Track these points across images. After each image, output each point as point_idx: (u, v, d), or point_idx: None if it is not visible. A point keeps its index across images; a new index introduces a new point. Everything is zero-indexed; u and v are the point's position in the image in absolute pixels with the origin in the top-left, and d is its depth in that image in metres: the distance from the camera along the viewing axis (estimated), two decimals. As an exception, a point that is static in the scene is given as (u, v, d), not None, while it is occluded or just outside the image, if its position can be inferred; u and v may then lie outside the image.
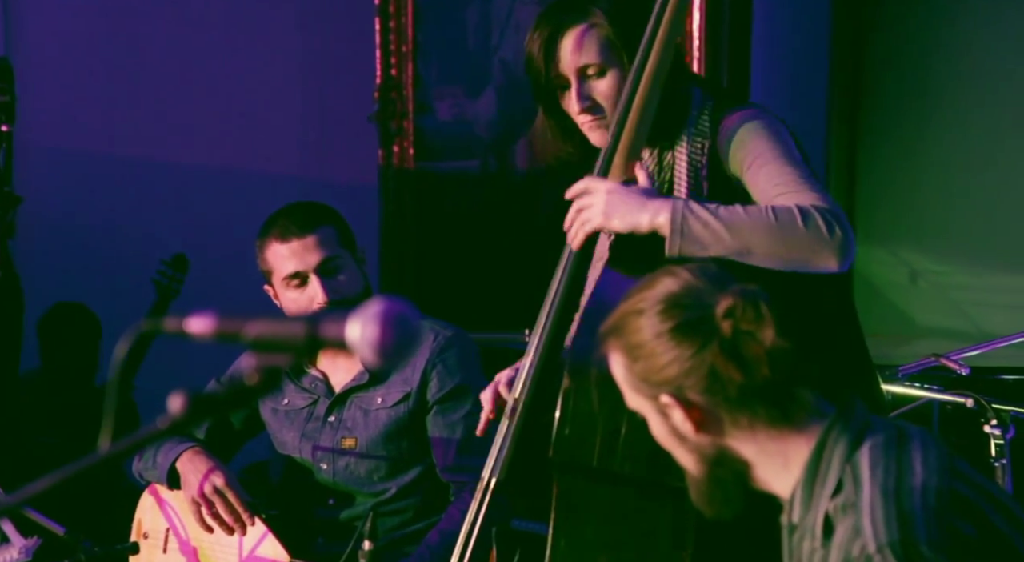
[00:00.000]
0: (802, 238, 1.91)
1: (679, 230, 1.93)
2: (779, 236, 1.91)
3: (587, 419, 1.90)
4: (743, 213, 1.93)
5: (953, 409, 2.85)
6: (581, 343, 1.93)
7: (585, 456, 1.90)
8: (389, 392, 2.63)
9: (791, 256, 1.91)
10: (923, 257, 3.97)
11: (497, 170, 4.16)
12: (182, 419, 1.07)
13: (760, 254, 1.91)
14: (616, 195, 1.99)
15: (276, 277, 2.64)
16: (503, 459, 2.01)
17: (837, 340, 2.15)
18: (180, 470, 2.63)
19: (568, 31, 2.10)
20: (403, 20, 4.21)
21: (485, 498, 2.04)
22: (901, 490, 1.48)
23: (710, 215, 1.93)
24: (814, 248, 1.91)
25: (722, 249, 1.92)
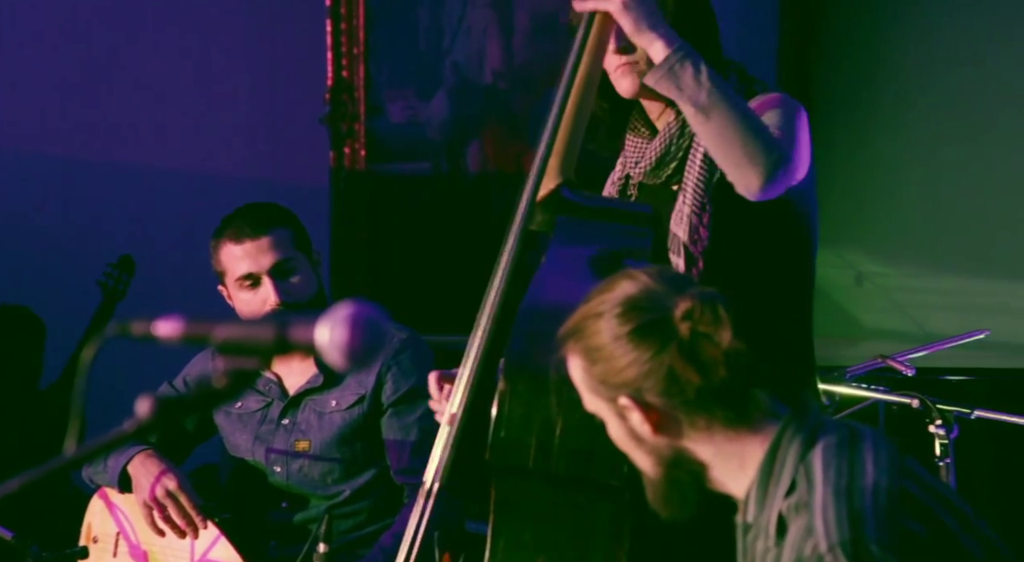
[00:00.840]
0: (757, 140, 1.96)
1: (670, 65, 1.98)
2: (743, 125, 1.96)
3: (522, 421, 1.91)
4: (730, 90, 1.99)
5: (899, 409, 2.90)
6: (516, 345, 1.94)
7: (521, 458, 1.91)
8: (344, 395, 2.63)
9: (737, 147, 1.96)
10: (869, 259, 4.02)
11: (449, 172, 4.17)
12: (149, 423, 1.07)
13: (716, 127, 1.96)
14: None
15: (229, 278, 2.63)
16: (444, 463, 2.02)
17: (788, 343, 2.18)
18: (132, 473, 2.61)
19: None
20: (354, 22, 4.21)
21: (427, 502, 2.04)
22: (853, 490, 1.50)
23: (706, 70, 1.98)
24: (752, 156, 1.96)
25: (692, 101, 1.97)
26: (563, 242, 2.06)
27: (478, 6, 4.14)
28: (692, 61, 1.98)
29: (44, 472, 1.08)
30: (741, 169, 1.96)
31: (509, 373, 1.93)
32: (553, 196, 2.10)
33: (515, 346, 1.94)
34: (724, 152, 1.97)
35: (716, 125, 1.96)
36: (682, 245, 2.10)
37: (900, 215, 4.00)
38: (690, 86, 1.97)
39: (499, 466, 1.94)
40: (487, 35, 4.12)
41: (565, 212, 2.09)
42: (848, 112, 4.01)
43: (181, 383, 2.79)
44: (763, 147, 1.96)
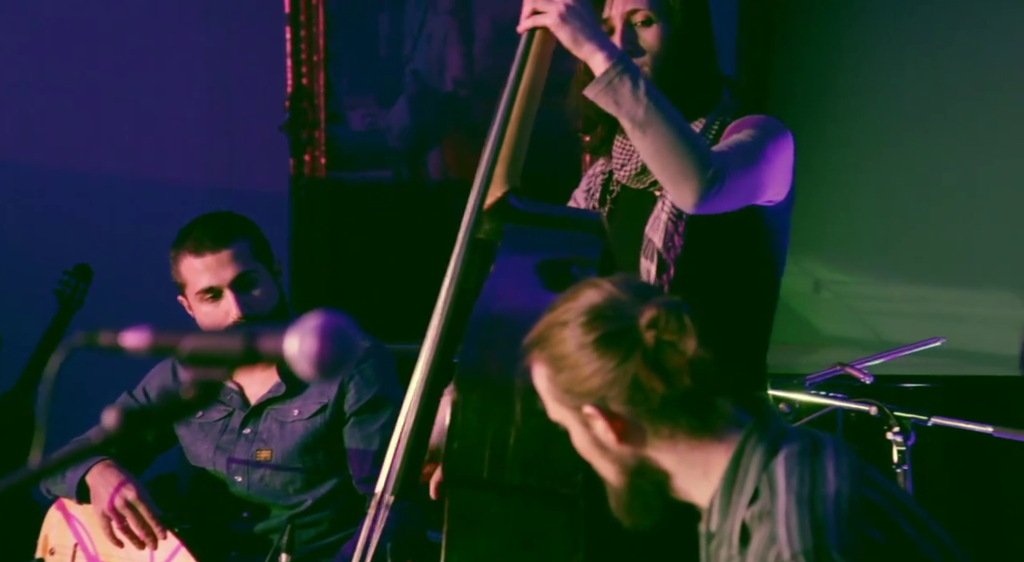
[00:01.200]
0: (693, 155, 1.97)
1: (608, 79, 1.99)
2: (680, 140, 1.98)
3: (476, 430, 1.90)
4: (668, 105, 2.00)
5: (857, 417, 2.92)
6: (469, 354, 1.95)
7: (475, 468, 1.91)
8: (306, 404, 2.62)
9: (666, 163, 1.98)
10: (826, 267, 4.06)
11: (410, 180, 4.16)
12: (117, 434, 1.07)
13: (653, 141, 1.98)
14: (582, 9, 2.03)
15: (190, 290, 2.61)
16: (396, 474, 2.01)
17: (744, 354, 2.20)
18: (90, 484, 2.59)
19: None
20: (314, 29, 4.20)
21: (379, 514, 2.04)
22: (815, 498, 1.52)
23: (644, 86, 1.99)
24: (686, 172, 1.98)
25: (630, 116, 1.99)
26: (511, 250, 2.07)
27: (439, 14, 4.14)
28: (631, 75, 2.00)
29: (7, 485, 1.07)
30: (676, 184, 1.99)
31: (462, 383, 1.93)
32: (500, 204, 2.11)
33: (468, 355, 1.94)
34: (659, 167, 1.99)
35: (652, 140, 1.98)
36: (656, 251, 2.11)
37: (857, 223, 4.04)
38: (628, 100, 1.99)
39: (453, 476, 1.94)
40: (448, 43, 4.12)
41: (512, 220, 2.09)
42: (805, 120, 4.04)
43: (141, 393, 2.77)
44: (698, 164, 1.97)
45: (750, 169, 2.06)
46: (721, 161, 2.00)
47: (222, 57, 4.39)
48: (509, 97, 2.07)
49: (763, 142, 2.10)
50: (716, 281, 2.12)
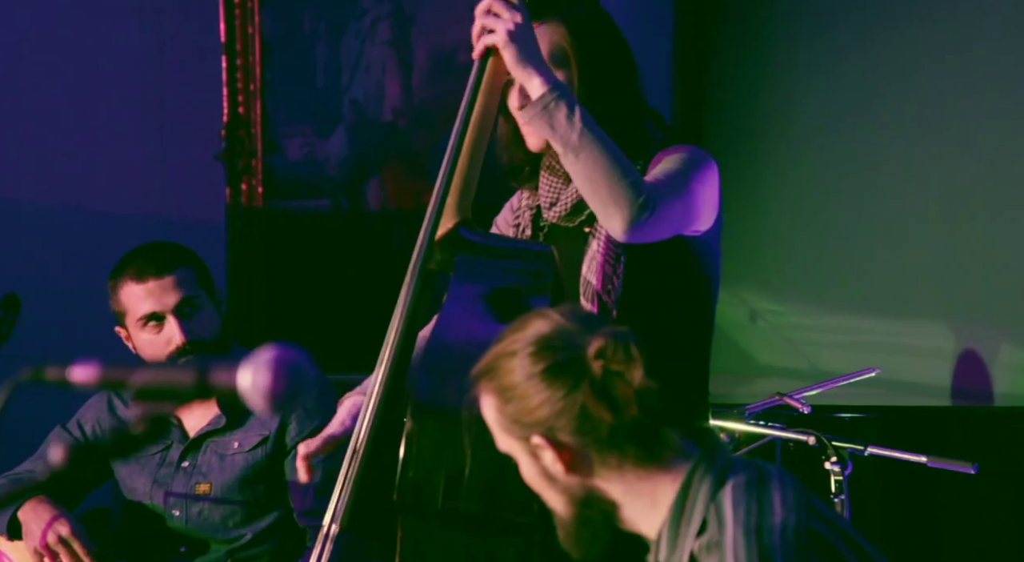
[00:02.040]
0: (624, 182, 1.99)
1: (545, 104, 2.01)
2: (612, 167, 1.99)
3: (431, 461, 1.90)
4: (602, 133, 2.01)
5: (795, 447, 2.95)
6: (424, 384, 1.94)
7: (429, 498, 1.90)
8: (247, 436, 2.59)
9: (603, 188, 1.99)
10: (762, 297, 4.09)
11: (349, 210, 4.15)
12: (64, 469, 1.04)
13: (585, 167, 1.99)
14: (528, 33, 2.04)
15: (130, 318, 2.58)
16: (344, 505, 2.00)
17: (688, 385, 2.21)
18: (22, 519, 2.53)
19: None
20: (250, 58, 4.18)
21: (325, 546, 2.02)
22: (762, 528, 1.53)
23: (580, 113, 2.00)
24: (622, 196, 1.99)
25: (563, 141, 2.00)
26: (463, 281, 2.06)
27: (376, 44, 4.14)
28: (567, 101, 2.01)
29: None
30: (607, 210, 2.00)
31: (416, 413, 1.92)
32: (452, 235, 2.10)
33: (421, 385, 1.94)
34: (590, 193, 2.00)
35: (584, 166, 1.99)
36: (595, 293, 2.12)
37: (792, 253, 4.08)
38: (562, 125, 2.00)
39: (406, 507, 1.93)
40: (386, 72, 4.12)
41: (464, 251, 2.09)
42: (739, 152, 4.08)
43: (75, 427, 2.73)
44: (630, 191, 1.99)
45: (680, 197, 2.07)
46: (652, 189, 2.02)
47: (157, 84, 4.35)
48: (461, 126, 2.07)
49: (690, 171, 2.11)
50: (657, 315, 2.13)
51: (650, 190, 2.01)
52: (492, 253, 2.11)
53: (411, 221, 4.16)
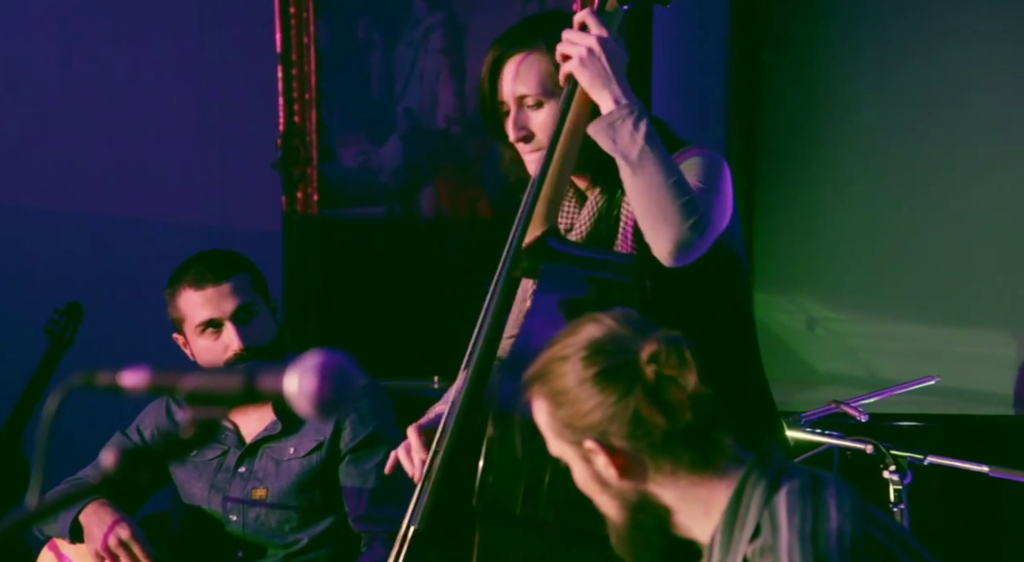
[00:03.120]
0: (677, 202, 1.99)
1: (611, 121, 2.03)
2: (668, 186, 1.99)
3: (511, 467, 1.91)
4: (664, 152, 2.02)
5: (853, 455, 2.91)
6: (506, 391, 1.94)
7: (508, 505, 1.91)
8: (302, 442, 2.60)
9: (655, 207, 1.99)
10: (820, 304, 4.05)
11: (403, 217, 4.16)
12: (115, 474, 1.05)
13: (641, 183, 2.00)
14: (601, 56, 2.06)
15: (188, 325, 2.61)
16: (423, 508, 2.00)
17: (746, 387, 2.19)
18: (84, 523, 2.57)
19: (510, 58, 2.16)
20: (306, 68, 4.21)
21: (403, 548, 2.03)
22: (818, 534, 1.51)
23: (645, 130, 2.02)
24: (674, 218, 1.98)
25: (623, 155, 2.01)
26: (548, 289, 2.07)
27: (430, 52, 4.15)
28: (633, 119, 2.02)
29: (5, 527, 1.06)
30: (655, 229, 2.00)
31: (498, 419, 1.93)
32: (538, 243, 2.10)
33: (504, 392, 1.94)
34: (642, 210, 2.01)
35: (639, 182, 2.00)
36: None
37: (850, 260, 4.04)
38: (624, 141, 2.01)
39: (485, 512, 1.94)
40: (439, 81, 4.13)
41: (550, 259, 2.10)
42: (796, 159, 4.05)
43: (135, 432, 2.76)
44: (681, 211, 1.99)
45: (717, 209, 2.08)
46: (705, 211, 2.01)
47: (215, 95, 4.40)
48: (553, 136, 2.09)
49: (715, 177, 2.11)
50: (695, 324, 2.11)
51: (703, 212, 2.00)
52: (577, 262, 2.11)
53: (464, 228, 4.18)
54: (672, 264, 2.01)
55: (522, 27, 2.21)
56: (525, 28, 2.20)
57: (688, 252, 2.00)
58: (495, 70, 2.17)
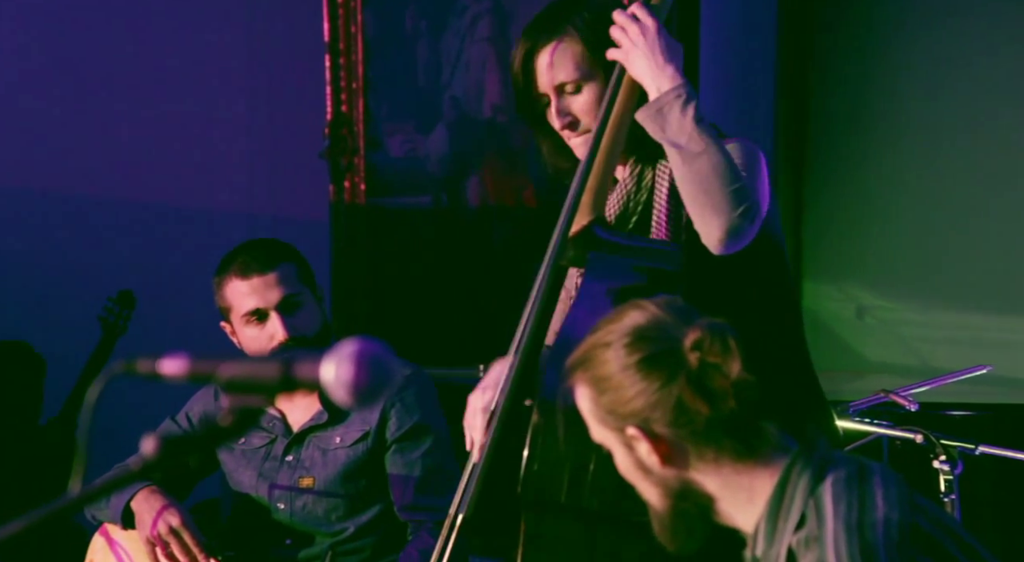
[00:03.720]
0: (727, 190, 1.96)
1: (659, 106, 2.01)
2: (718, 173, 1.96)
3: (556, 455, 1.90)
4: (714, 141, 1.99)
5: (903, 445, 2.88)
6: (551, 379, 1.94)
7: (554, 492, 1.90)
8: (348, 431, 2.61)
9: (704, 195, 1.97)
10: (869, 293, 4.02)
11: (449, 206, 4.17)
12: (154, 461, 1.06)
13: (692, 170, 1.97)
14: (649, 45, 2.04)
15: (235, 314, 2.62)
16: (471, 495, 2.00)
17: (792, 376, 2.17)
18: (135, 509, 2.59)
19: (543, 48, 2.14)
20: (353, 57, 4.22)
21: (451, 534, 2.03)
22: (864, 524, 1.49)
23: (693, 113, 1.99)
24: (724, 205, 1.96)
25: (673, 141, 1.99)
26: (594, 278, 2.06)
27: (476, 41, 4.15)
28: (681, 104, 2.00)
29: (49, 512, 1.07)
30: (704, 217, 1.97)
31: (543, 407, 1.92)
32: (585, 232, 2.10)
33: (549, 380, 1.94)
34: (692, 197, 1.98)
35: (692, 170, 1.97)
36: None
37: (899, 248, 4.00)
38: (673, 127, 1.99)
39: (530, 500, 1.93)
40: (486, 69, 4.13)
41: (596, 248, 2.09)
42: (844, 145, 4.02)
43: (184, 419, 2.78)
44: (732, 199, 1.96)
45: (764, 196, 2.05)
46: (755, 198, 1.99)
47: (263, 85, 4.42)
48: (600, 126, 2.08)
49: (755, 166, 2.09)
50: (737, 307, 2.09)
51: (753, 199, 1.98)
52: (624, 251, 2.10)
53: (510, 217, 4.18)
54: (721, 252, 1.99)
55: (548, 14, 2.18)
56: (551, 15, 2.17)
57: (738, 239, 1.98)
58: (528, 62, 2.15)
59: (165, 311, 4.27)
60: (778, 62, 4.00)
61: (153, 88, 4.45)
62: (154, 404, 2.75)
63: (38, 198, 4.46)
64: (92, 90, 4.45)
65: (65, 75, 4.45)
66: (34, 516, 1.11)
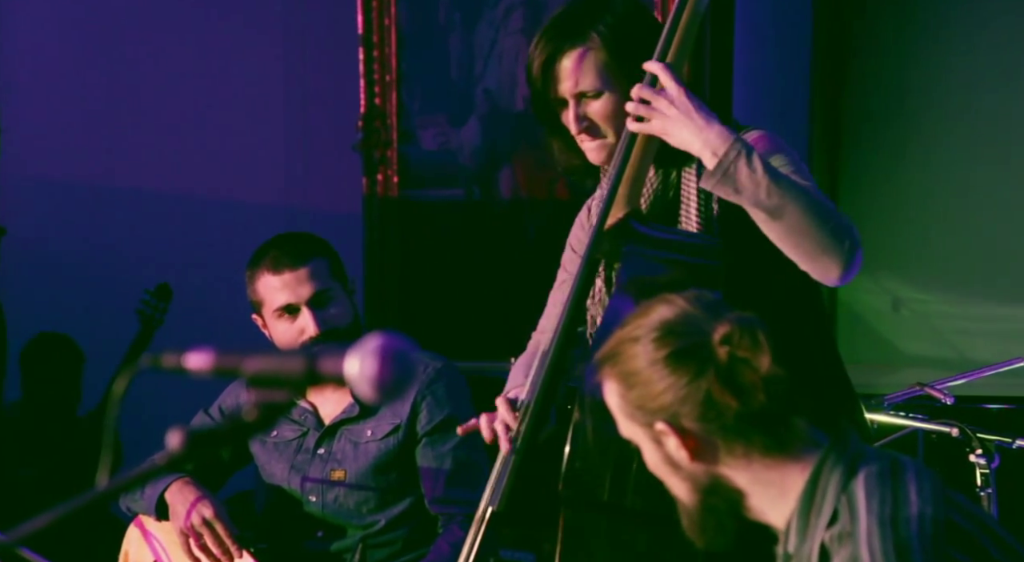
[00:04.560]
0: (826, 229, 1.91)
1: (723, 168, 1.93)
2: (811, 215, 1.90)
3: (598, 452, 1.88)
4: (795, 178, 1.93)
5: (938, 438, 2.85)
6: (591, 376, 1.93)
7: (595, 490, 1.88)
8: (379, 424, 2.62)
9: (808, 242, 1.91)
10: (905, 285, 3.98)
11: (481, 199, 4.16)
12: (181, 455, 1.06)
13: (785, 224, 1.90)
14: (683, 111, 1.97)
15: (267, 308, 2.63)
16: (503, 489, 1.99)
17: (821, 369, 2.15)
18: (169, 501, 2.61)
19: (566, 54, 2.10)
20: (387, 50, 4.23)
21: (481, 528, 2.02)
22: (897, 520, 1.48)
23: (760, 164, 1.92)
24: (829, 245, 1.91)
25: (754, 202, 1.91)
26: (632, 271, 2.04)
27: (509, 33, 4.14)
28: (745, 161, 1.92)
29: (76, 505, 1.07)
30: (815, 264, 1.92)
31: (584, 404, 1.91)
32: (621, 225, 2.07)
33: (590, 376, 1.92)
34: (793, 247, 1.92)
35: (785, 224, 1.91)
36: None
37: (936, 240, 3.96)
38: (747, 186, 1.91)
39: (572, 497, 1.92)
40: (519, 61, 4.12)
41: (633, 241, 2.06)
42: (881, 137, 3.98)
43: (216, 412, 2.79)
44: (835, 236, 1.91)
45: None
46: (851, 225, 1.93)
47: (297, 79, 4.44)
48: None
49: (802, 164, 2.05)
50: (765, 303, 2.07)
51: (850, 226, 1.93)
52: (661, 245, 2.07)
53: (542, 209, 4.17)
54: (840, 284, 1.95)
55: (570, 18, 2.13)
56: (574, 18, 2.12)
57: (854, 270, 1.94)
58: (548, 66, 2.10)
59: (202, 304, 4.30)
60: (814, 50, 3.96)
61: (190, 82, 4.48)
62: (190, 396, 2.76)
63: (77, 192, 4.50)
64: (130, 84, 4.48)
65: (104, 69, 4.48)
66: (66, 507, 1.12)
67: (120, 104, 4.47)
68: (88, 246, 4.50)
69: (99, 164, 4.48)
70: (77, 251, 4.50)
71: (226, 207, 4.49)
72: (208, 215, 4.49)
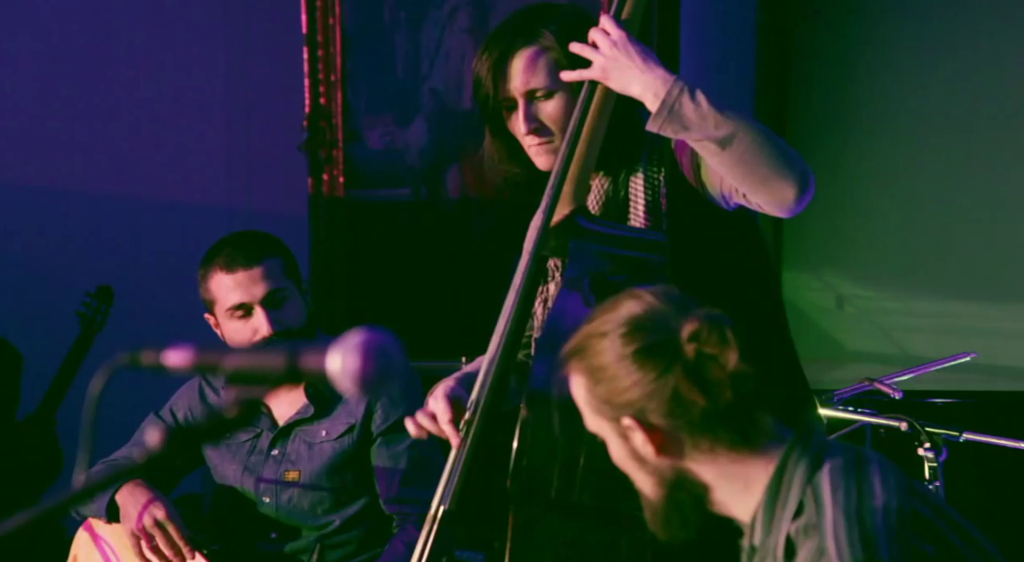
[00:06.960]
0: (779, 153, 1.91)
1: (668, 106, 1.92)
2: (762, 140, 1.90)
3: (546, 449, 1.89)
4: (735, 110, 1.93)
5: (887, 433, 2.89)
6: (538, 371, 1.93)
7: (543, 486, 1.89)
8: (333, 425, 2.61)
9: (761, 167, 1.90)
10: (849, 282, 4.03)
11: (429, 198, 4.15)
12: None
13: (735, 151, 1.89)
14: (623, 54, 1.97)
15: (219, 307, 2.61)
16: (453, 488, 1.99)
17: (777, 365, 2.17)
18: (120, 503, 2.57)
19: (518, 53, 2.10)
20: (331, 49, 4.20)
21: (433, 528, 2.02)
22: (863, 511, 1.49)
23: (705, 98, 1.91)
24: (783, 169, 1.90)
25: (703, 134, 1.91)
26: (578, 267, 2.04)
27: (455, 32, 4.13)
28: (688, 95, 1.92)
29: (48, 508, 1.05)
30: (770, 187, 1.91)
31: (532, 401, 1.91)
32: (567, 222, 2.07)
33: (537, 373, 1.92)
34: (745, 175, 1.91)
35: (736, 152, 1.90)
36: None
37: (880, 237, 4.01)
38: (694, 122, 1.91)
39: (520, 495, 1.91)
40: (465, 61, 4.11)
41: (579, 238, 2.06)
42: (824, 134, 4.03)
43: (168, 414, 2.76)
44: (786, 158, 1.91)
45: None
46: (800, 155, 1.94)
47: (241, 78, 4.39)
48: (580, 115, 2.04)
49: None
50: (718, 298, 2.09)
51: (800, 156, 1.94)
52: (607, 240, 2.07)
53: (490, 209, 4.16)
54: (793, 213, 1.95)
55: (521, 21, 2.13)
56: (527, 20, 2.12)
57: (807, 195, 1.93)
58: (499, 66, 2.10)
59: (143, 306, 4.24)
60: (759, 48, 4.00)
61: (130, 81, 4.42)
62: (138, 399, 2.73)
63: (14, 193, 4.42)
64: (67, 83, 4.41)
65: (39, 69, 4.41)
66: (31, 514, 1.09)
67: (58, 104, 4.40)
68: (27, 248, 4.42)
69: (37, 165, 4.41)
70: (16, 253, 4.42)
71: (169, 208, 4.43)
72: (150, 216, 4.43)
